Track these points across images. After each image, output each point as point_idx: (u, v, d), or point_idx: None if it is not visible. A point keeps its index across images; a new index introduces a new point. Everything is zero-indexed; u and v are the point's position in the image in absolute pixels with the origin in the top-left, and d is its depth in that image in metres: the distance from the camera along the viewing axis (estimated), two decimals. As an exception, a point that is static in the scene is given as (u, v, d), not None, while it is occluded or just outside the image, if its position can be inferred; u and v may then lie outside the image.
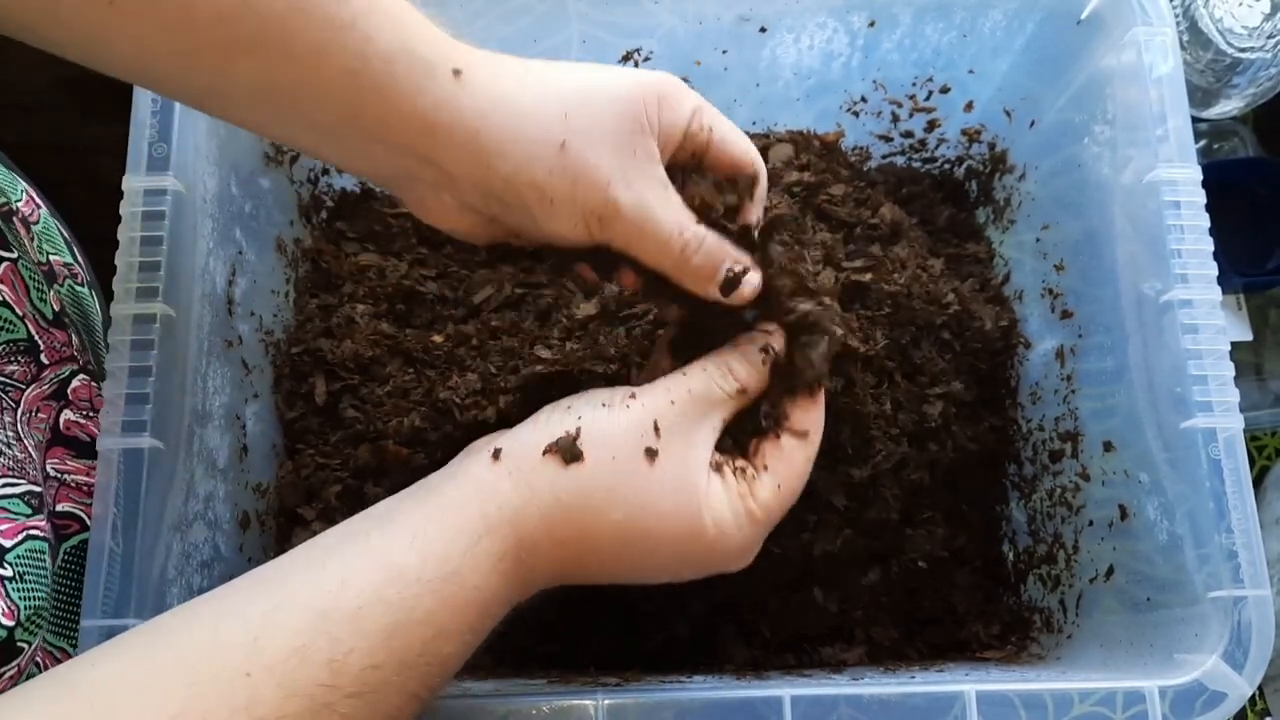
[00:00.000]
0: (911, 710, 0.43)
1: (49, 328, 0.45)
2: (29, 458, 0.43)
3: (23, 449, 0.43)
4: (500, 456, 0.38)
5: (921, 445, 0.58)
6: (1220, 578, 0.44)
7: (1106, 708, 0.43)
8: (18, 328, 0.44)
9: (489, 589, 0.36)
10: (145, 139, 0.47)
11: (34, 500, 0.42)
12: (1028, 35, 0.59)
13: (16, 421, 0.43)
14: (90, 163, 0.70)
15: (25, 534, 0.41)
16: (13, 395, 0.43)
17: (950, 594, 0.59)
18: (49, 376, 0.45)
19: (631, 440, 0.37)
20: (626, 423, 0.37)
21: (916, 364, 0.57)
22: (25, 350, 0.44)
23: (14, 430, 0.43)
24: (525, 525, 0.37)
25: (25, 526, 0.41)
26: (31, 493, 0.42)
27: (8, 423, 0.43)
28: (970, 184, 0.68)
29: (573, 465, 0.37)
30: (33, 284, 0.45)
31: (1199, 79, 0.70)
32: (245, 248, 0.54)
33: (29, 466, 0.43)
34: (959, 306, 0.58)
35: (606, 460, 0.37)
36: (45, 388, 0.44)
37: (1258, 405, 0.74)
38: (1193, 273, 0.48)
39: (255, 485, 0.54)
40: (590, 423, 0.38)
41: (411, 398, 0.56)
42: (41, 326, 0.45)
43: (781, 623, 0.55)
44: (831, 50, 0.61)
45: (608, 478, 0.37)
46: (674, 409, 0.38)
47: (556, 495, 0.37)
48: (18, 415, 0.43)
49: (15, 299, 0.44)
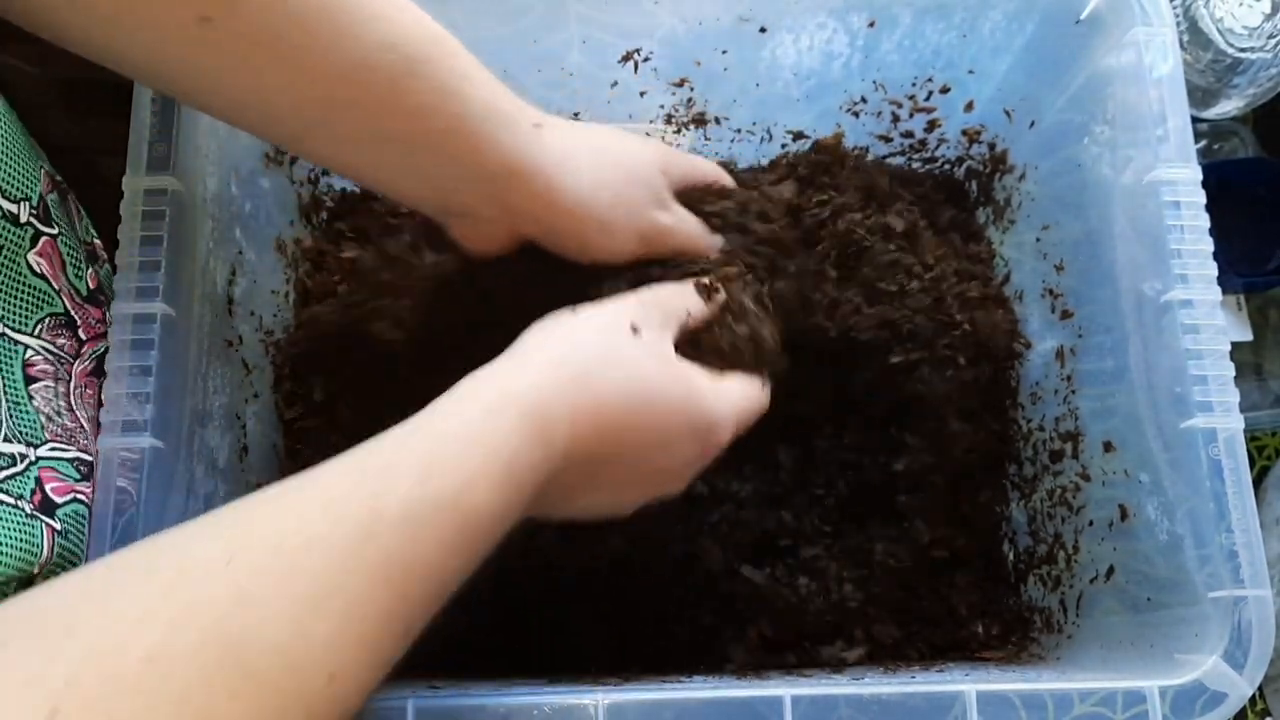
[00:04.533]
0: (911, 710, 0.43)
1: (84, 304, 0.47)
2: (80, 428, 0.45)
3: (74, 418, 0.44)
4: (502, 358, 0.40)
5: (922, 446, 0.59)
6: (1220, 578, 0.44)
7: (1107, 708, 0.43)
8: (55, 301, 0.45)
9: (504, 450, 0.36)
10: (145, 139, 0.47)
11: (83, 468, 0.43)
12: (1027, 35, 0.59)
13: (69, 393, 0.45)
14: (90, 163, 0.70)
15: (73, 495, 0.42)
16: (66, 368, 0.45)
17: (950, 594, 0.59)
18: (88, 352, 0.46)
19: (614, 320, 0.42)
20: (607, 312, 0.43)
21: (921, 371, 0.57)
22: (65, 324, 0.45)
23: (66, 400, 0.44)
24: (539, 396, 0.38)
25: (73, 489, 0.42)
26: (81, 460, 0.44)
27: (60, 392, 0.44)
28: (970, 184, 0.68)
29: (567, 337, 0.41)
30: (70, 259, 0.47)
31: (1199, 79, 0.70)
32: (245, 248, 0.54)
33: (79, 435, 0.44)
34: (965, 313, 0.58)
35: (595, 329, 0.41)
36: (87, 364, 0.46)
37: (1258, 405, 0.74)
38: (1193, 273, 0.48)
39: (255, 485, 0.54)
40: (577, 312, 0.42)
41: (412, 398, 0.56)
42: (77, 302, 0.46)
43: (781, 623, 0.55)
44: (831, 50, 0.61)
45: (600, 345, 0.41)
46: (642, 307, 0.43)
47: (560, 364, 0.39)
48: (70, 387, 0.45)
49: (52, 272, 0.45)
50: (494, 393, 0.37)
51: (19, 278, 0.43)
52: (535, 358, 0.39)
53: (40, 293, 0.44)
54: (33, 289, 0.44)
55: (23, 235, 0.44)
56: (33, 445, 0.42)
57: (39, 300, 0.44)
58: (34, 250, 0.44)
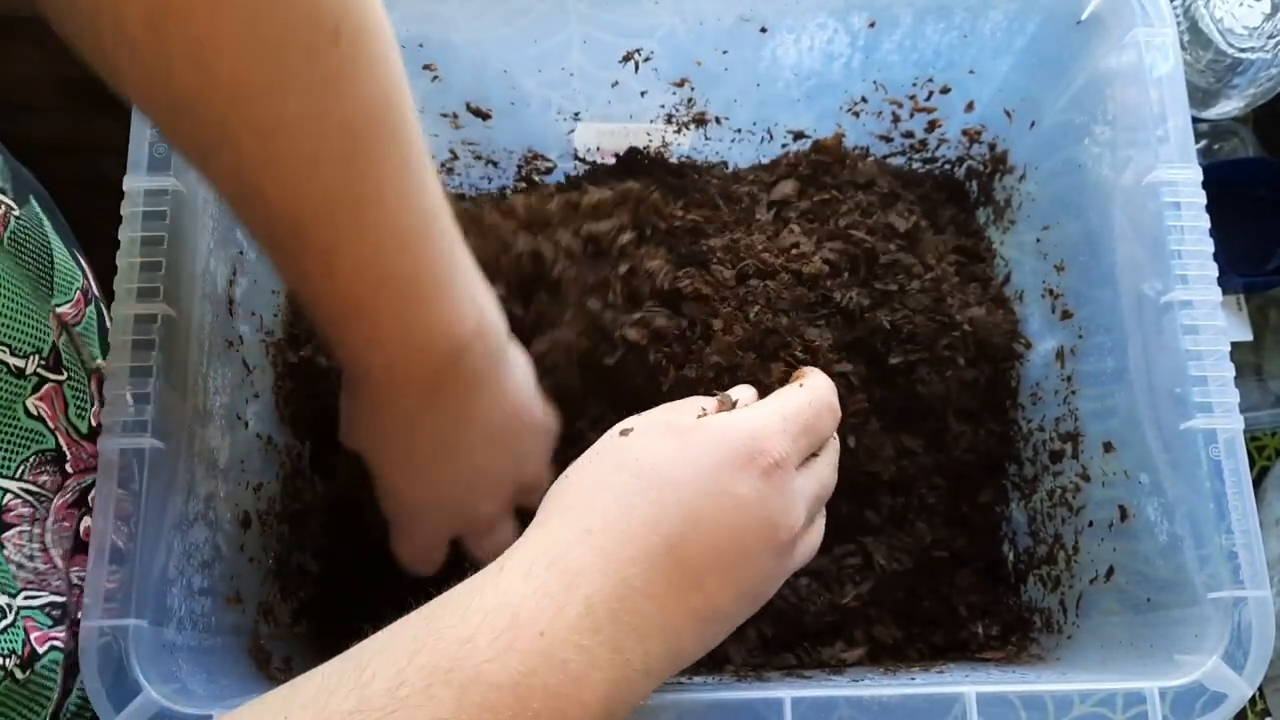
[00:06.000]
0: (912, 711, 0.43)
1: (80, 440, 0.46)
2: (53, 568, 0.44)
3: (47, 559, 0.43)
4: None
5: (922, 447, 0.59)
6: (1220, 578, 0.44)
7: (1107, 708, 0.43)
8: (47, 439, 0.44)
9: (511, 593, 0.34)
10: (146, 139, 0.47)
11: (54, 611, 0.43)
12: (1028, 36, 0.59)
13: (45, 532, 0.44)
14: (92, 163, 0.70)
15: (50, 644, 0.42)
16: (45, 506, 0.44)
17: (950, 594, 0.59)
18: (72, 485, 0.45)
19: (607, 438, 0.39)
20: (601, 440, 0.40)
21: (921, 371, 0.57)
22: (53, 460, 0.45)
23: (40, 541, 0.43)
24: (549, 539, 0.35)
25: (49, 636, 0.42)
26: (53, 604, 0.43)
27: (37, 534, 0.43)
28: (971, 184, 0.68)
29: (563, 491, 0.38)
30: (74, 401, 0.46)
31: (1199, 79, 0.70)
32: (246, 248, 0.54)
33: (52, 577, 0.43)
34: (966, 314, 0.58)
35: (589, 460, 0.39)
36: (69, 495, 0.45)
37: (1258, 406, 0.74)
38: (1193, 273, 0.48)
39: (255, 486, 0.54)
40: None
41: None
42: (72, 439, 0.46)
43: (781, 623, 0.55)
44: (832, 51, 0.61)
45: (599, 465, 0.38)
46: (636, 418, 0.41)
47: (563, 509, 0.37)
48: (47, 525, 0.44)
49: (51, 414, 0.44)
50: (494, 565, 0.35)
51: (12, 422, 0.42)
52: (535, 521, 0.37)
53: (32, 433, 0.43)
54: (25, 430, 0.43)
55: (24, 385, 0.43)
56: (10, 595, 0.41)
57: (28, 439, 0.43)
58: (35, 395, 0.44)
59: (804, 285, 0.57)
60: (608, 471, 0.38)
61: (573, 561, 0.35)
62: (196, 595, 0.47)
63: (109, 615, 0.42)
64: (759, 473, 0.37)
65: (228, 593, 0.50)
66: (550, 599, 0.33)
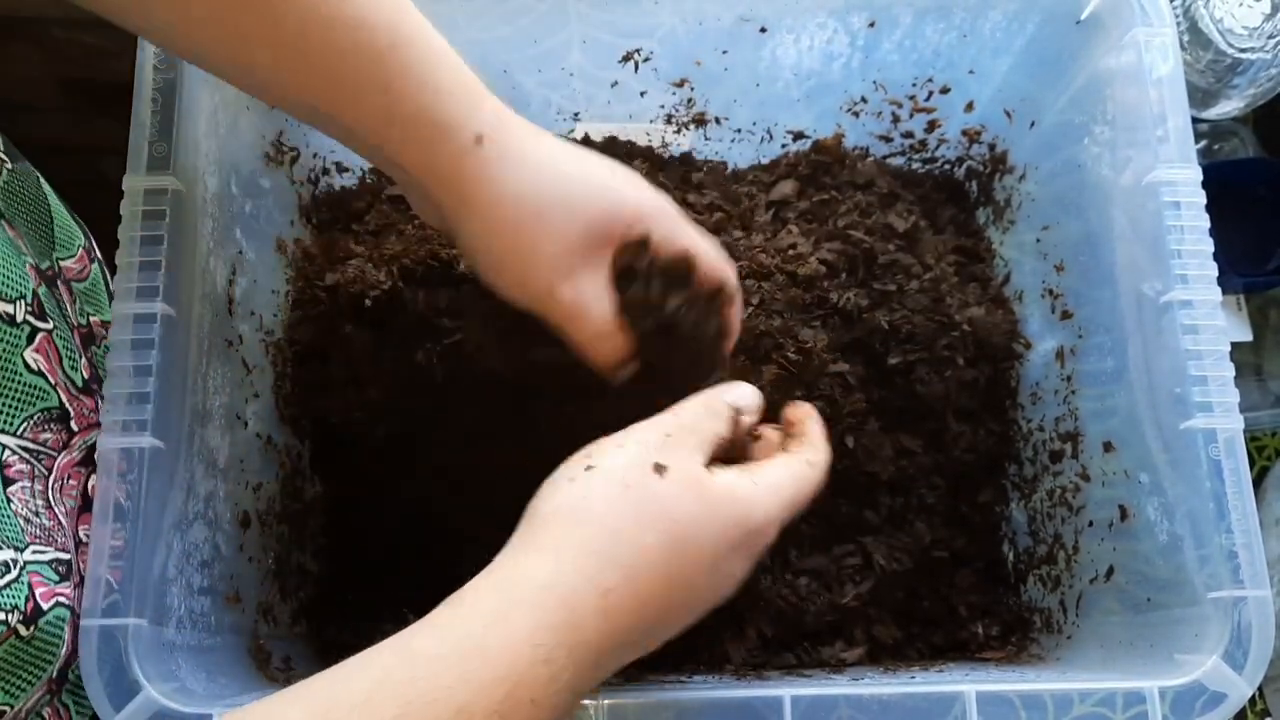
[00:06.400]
0: (912, 710, 0.43)
1: (79, 395, 0.46)
2: (58, 525, 0.44)
3: (51, 516, 0.44)
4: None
5: (922, 447, 0.59)
6: (1220, 578, 0.44)
7: (1106, 708, 0.43)
8: (50, 396, 0.45)
9: (519, 663, 0.33)
10: (146, 139, 0.47)
11: (61, 567, 0.43)
12: (1028, 36, 0.59)
13: (48, 489, 0.44)
14: (92, 163, 0.70)
15: (55, 600, 0.42)
16: (45, 463, 0.44)
17: (950, 594, 0.59)
18: (78, 443, 0.46)
19: (635, 466, 0.38)
20: (626, 455, 0.38)
21: (920, 371, 0.57)
22: (58, 418, 0.45)
23: (44, 498, 0.44)
24: (562, 589, 0.35)
25: (55, 592, 0.42)
26: (59, 560, 0.43)
27: (39, 490, 0.43)
28: (970, 184, 0.68)
29: (584, 509, 0.37)
30: (65, 353, 0.46)
31: (1199, 79, 0.70)
32: (245, 248, 0.54)
33: (57, 534, 0.44)
34: (965, 314, 0.58)
35: (617, 487, 0.37)
36: (75, 454, 0.45)
37: (1258, 405, 0.74)
38: (1193, 273, 0.48)
39: (255, 486, 0.54)
40: (592, 465, 0.38)
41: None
42: (72, 394, 0.46)
43: (781, 623, 0.55)
44: (832, 51, 0.61)
45: (625, 505, 0.37)
46: (669, 438, 0.39)
47: (581, 550, 0.36)
48: (49, 483, 0.44)
49: (49, 368, 0.45)
50: (500, 601, 0.34)
51: (14, 377, 0.43)
52: (550, 542, 0.36)
53: (35, 389, 0.44)
54: (28, 386, 0.43)
55: (19, 334, 0.43)
56: (18, 549, 0.41)
57: (32, 397, 0.44)
58: (31, 347, 0.44)
59: (799, 286, 0.57)
60: (630, 520, 0.37)
61: (586, 634, 0.35)
62: (196, 594, 0.47)
63: (109, 614, 0.42)
64: (752, 554, 0.39)
65: (227, 592, 0.50)
66: (552, 679, 0.34)
